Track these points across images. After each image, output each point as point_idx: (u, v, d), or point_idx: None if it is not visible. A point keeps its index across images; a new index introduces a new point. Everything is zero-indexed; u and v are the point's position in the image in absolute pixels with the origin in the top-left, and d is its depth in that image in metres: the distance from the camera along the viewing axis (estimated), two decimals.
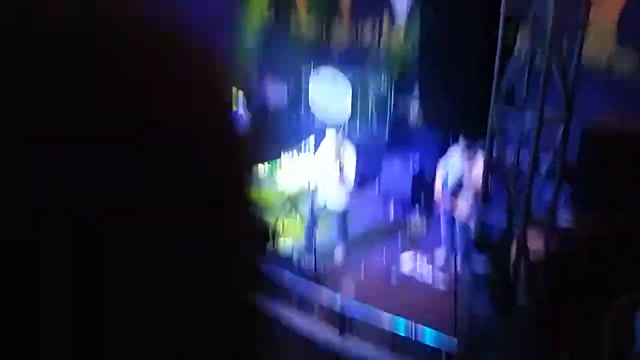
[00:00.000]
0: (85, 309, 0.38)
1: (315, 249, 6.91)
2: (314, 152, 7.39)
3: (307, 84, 10.00)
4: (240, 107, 8.29)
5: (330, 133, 7.05)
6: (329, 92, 9.68)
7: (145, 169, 0.40)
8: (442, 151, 7.64)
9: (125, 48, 0.41)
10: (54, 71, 0.37)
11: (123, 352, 0.41)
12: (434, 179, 7.14)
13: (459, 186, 6.78)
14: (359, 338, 5.48)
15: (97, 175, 0.38)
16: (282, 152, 8.04)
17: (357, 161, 7.20)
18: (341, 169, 7.05)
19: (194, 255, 0.43)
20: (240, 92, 8.30)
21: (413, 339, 5.07)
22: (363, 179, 8.29)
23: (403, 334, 5.17)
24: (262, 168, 7.89)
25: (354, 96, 9.35)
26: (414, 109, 9.39)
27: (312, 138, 7.45)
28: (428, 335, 5.10)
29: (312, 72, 9.88)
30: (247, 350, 0.54)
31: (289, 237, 7.65)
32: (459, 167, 6.77)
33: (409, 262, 6.96)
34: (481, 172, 5.62)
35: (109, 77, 0.39)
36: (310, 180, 7.17)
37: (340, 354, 5.43)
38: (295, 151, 7.82)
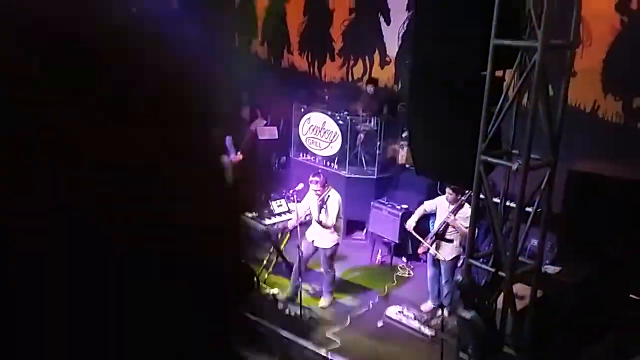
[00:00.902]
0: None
1: (301, 298, 6.81)
2: (301, 200, 7.37)
3: (298, 124, 10.06)
4: (229, 150, 8.30)
5: (315, 180, 7.04)
6: (319, 133, 9.74)
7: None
8: (431, 195, 7.66)
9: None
10: None
11: None
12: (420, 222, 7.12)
13: (444, 228, 6.77)
14: None
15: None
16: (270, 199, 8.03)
17: (344, 204, 7.16)
18: (326, 214, 7.01)
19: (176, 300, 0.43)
20: (229, 137, 8.34)
21: None
22: (351, 223, 8.25)
23: None
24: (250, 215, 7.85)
25: (343, 138, 9.40)
26: (403, 152, 9.45)
27: (300, 186, 7.46)
28: None
29: (302, 112, 9.94)
30: None
31: (274, 286, 7.55)
32: (445, 210, 6.77)
33: (396, 315, 6.87)
34: (467, 215, 5.61)
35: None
36: (297, 225, 7.13)
37: None
38: (283, 200, 7.80)
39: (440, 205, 6.89)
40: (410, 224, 7.04)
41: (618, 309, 5.51)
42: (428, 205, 7.07)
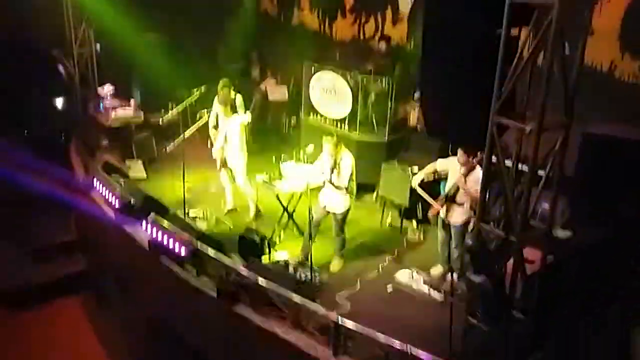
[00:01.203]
0: None
1: (311, 260, 6.82)
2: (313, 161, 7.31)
3: (308, 84, 9.91)
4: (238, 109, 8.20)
5: (328, 141, 6.97)
6: (330, 93, 9.60)
7: None
8: (442, 157, 7.55)
9: None
10: None
11: None
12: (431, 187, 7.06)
13: (455, 191, 6.69)
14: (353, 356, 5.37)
15: None
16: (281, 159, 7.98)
17: (355, 167, 7.10)
18: (339, 175, 6.96)
19: None
20: (239, 96, 8.25)
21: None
22: (361, 186, 8.17)
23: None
24: (262, 176, 7.83)
25: (354, 99, 9.26)
26: (415, 113, 9.30)
27: (310, 148, 7.38)
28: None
29: (313, 71, 9.77)
30: None
31: (285, 250, 7.56)
32: (456, 172, 6.68)
33: (405, 279, 6.87)
34: (479, 178, 5.53)
35: None
36: (309, 187, 7.10)
37: None
38: (294, 160, 7.74)
39: (452, 167, 6.78)
40: (416, 180, 6.96)
41: (625, 276, 5.47)
42: (440, 165, 6.97)
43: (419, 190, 7.04)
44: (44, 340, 8.13)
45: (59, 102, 11.92)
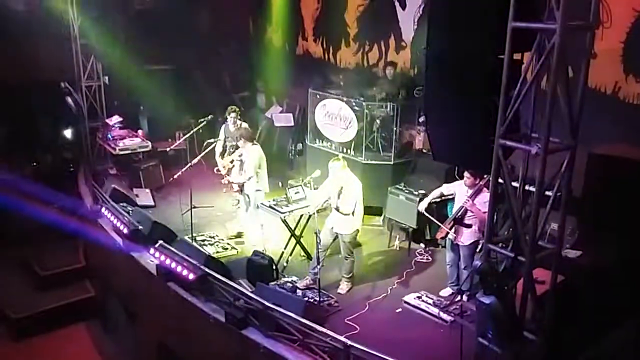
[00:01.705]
0: None
1: (319, 284, 6.83)
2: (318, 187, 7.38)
3: (314, 111, 10.04)
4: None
5: (334, 165, 7.04)
6: (335, 119, 9.72)
7: None
8: (448, 180, 7.60)
9: None
10: None
11: None
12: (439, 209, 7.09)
13: (463, 213, 6.73)
14: None
15: None
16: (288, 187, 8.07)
17: (362, 190, 7.15)
18: (345, 200, 7.01)
19: None
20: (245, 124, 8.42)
21: None
22: (369, 209, 8.20)
23: None
24: (269, 202, 7.88)
25: (359, 124, 9.37)
26: (420, 137, 9.39)
27: (316, 173, 7.44)
28: None
29: (318, 98, 9.91)
30: None
31: (294, 273, 7.58)
32: (463, 195, 6.73)
33: (414, 301, 6.86)
34: (486, 200, 5.57)
35: None
36: (316, 210, 7.15)
37: None
38: (300, 187, 7.82)
39: (459, 190, 6.84)
40: (423, 205, 7.01)
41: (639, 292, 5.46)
42: (446, 189, 7.02)
43: (426, 215, 7.07)
44: None
45: (68, 133, 12.09)
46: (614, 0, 7.36)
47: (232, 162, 8.77)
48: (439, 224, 6.95)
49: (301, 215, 7.78)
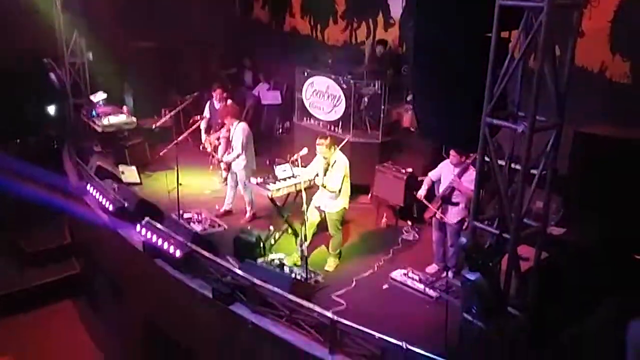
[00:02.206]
0: None
1: (306, 260, 6.87)
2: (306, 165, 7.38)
3: (301, 89, 9.99)
4: None
5: (321, 142, 7.02)
6: (323, 97, 9.68)
7: None
8: (435, 158, 7.63)
9: None
10: None
11: None
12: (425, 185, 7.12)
13: (450, 192, 6.78)
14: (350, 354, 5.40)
15: None
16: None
17: (350, 169, 7.17)
18: (331, 178, 7.03)
19: None
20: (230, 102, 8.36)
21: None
22: (356, 187, 8.23)
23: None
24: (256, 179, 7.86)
25: (346, 102, 9.34)
26: (407, 115, 9.38)
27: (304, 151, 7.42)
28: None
29: (306, 76, 9.86)
30: None
31: (281, 250, 7.60)
32: (449, 173, 6.77)
33: (401, 278, 6.92)
34: (472, 178, 5.60)
35: None
36: (302, 187, 7.15)
37: None
38: (287, 165, 7.80)
39: (445, 169, 6.88)
40: (421, 193, 7.02)
41: (621, 270, 5.55)
42: (433, 175, 7.05)
43: (425, 202, 7.05)
44: (38, 344, 8.11)
45: (52, 110, 11.93)
46: None
47: (218, 139, 8.75)
48: (428, 204, 6.98)
49: (289, 193, 7.78)
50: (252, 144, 8.37)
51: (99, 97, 10.73)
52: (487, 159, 4.83)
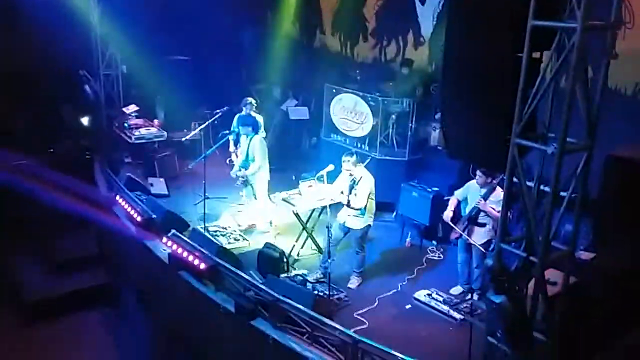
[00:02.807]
0: None
1: (329, 279, 6.83)
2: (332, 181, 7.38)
3: (329, 105, 10.03)
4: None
5: (347, 160, 7.02)
6: (350, 114, 9.71)
7: None
8: (462, 177, 7.56)
9: None
10: None
11: None
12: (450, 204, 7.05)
13: (476, 212, 6.69)
14: None
15: None
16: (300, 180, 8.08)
17: (375, 186, 7.14)
18: (356, 195, 7.01)
19: None
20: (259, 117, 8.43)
21: None
22: (381, 204, 8.19)
23: None
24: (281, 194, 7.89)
25: (374, 119, 9.34)
26: (435, 133, 9.34)
27: (330, 167, 7.43)
28: None
29: (334, 93, 9.90)
30: None
31: (304, 266, 7.58)
32: (476, 194, 6.69)
33: (425, 298, 6.84)
34: (499, 199, 5.53)
35: None
36: (328, 204, 7.15)
37: None
38: (314, 179, 7.81)
39: (471, 189, 6.81)
40: (448, 214, 6.94)
41: None
42: (459, 194, 6.98)
43: (451, 224, 6.98)
44: (63, 352, 8.19)
45: (85, 121, 12.19)
46: (637, 0, 7.25)
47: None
48: (454, 226, 6.89)
49: (313, 209, 7.78)
50: (267, 154, 8.44)
51: (131, 109, 10.96)
52: (515, 180, 4.77)
